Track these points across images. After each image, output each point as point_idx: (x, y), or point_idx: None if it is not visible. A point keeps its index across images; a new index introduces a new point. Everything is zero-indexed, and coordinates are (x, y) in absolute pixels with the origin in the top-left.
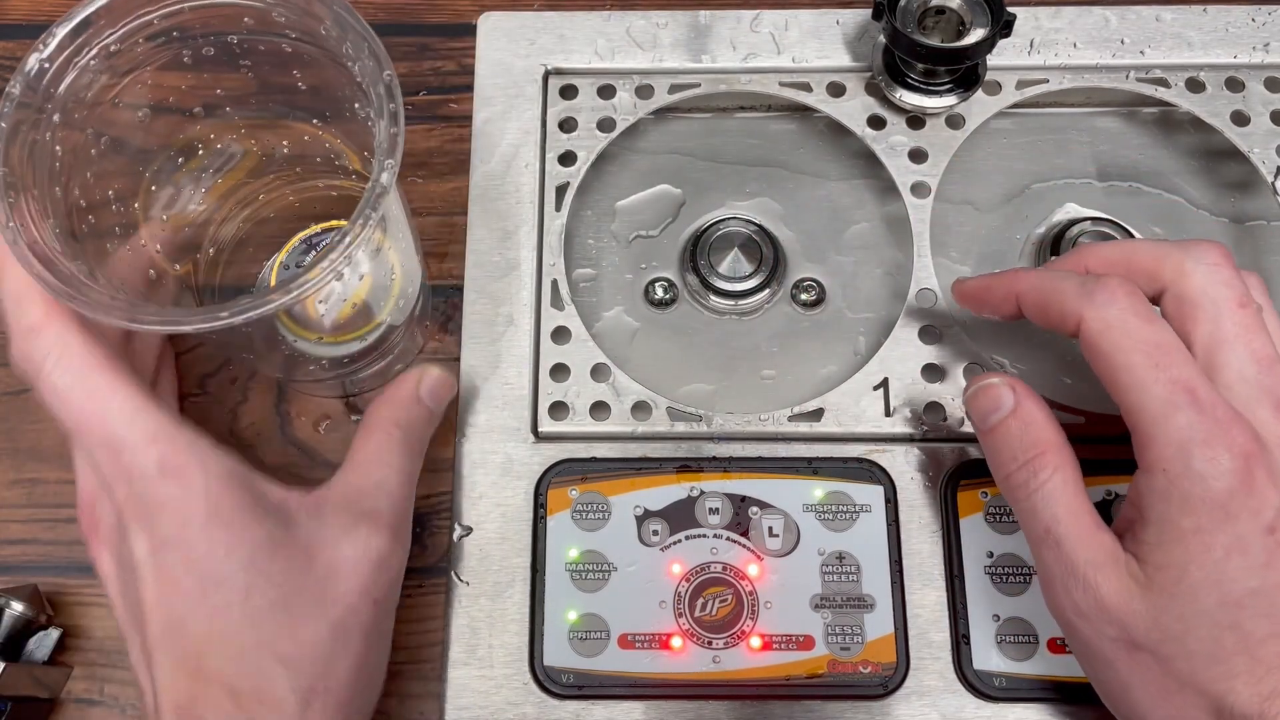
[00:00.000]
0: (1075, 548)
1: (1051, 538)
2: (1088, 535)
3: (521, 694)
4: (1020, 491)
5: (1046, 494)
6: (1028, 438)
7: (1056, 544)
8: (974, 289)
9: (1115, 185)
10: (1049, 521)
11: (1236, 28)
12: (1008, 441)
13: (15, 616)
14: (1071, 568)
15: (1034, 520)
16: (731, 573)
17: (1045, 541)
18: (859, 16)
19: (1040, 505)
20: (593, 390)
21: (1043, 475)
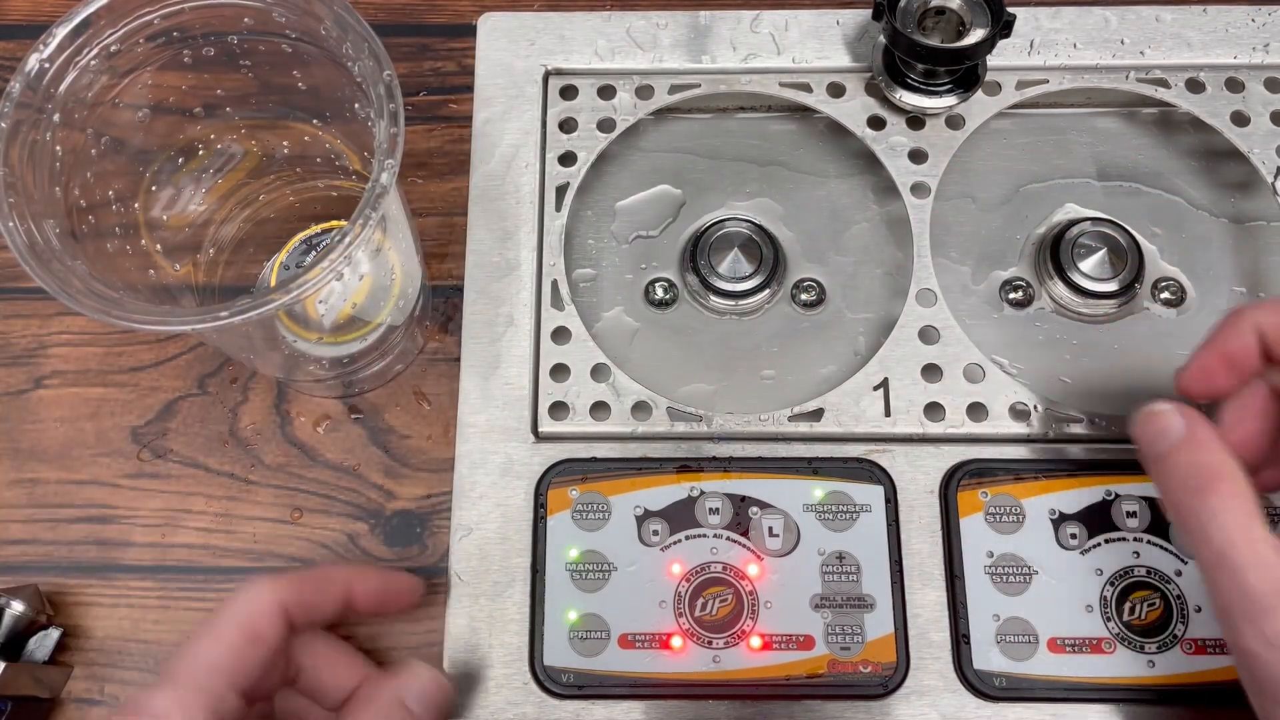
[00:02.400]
0: (1257, 574)
1: (1229, 565)
2: (1268, 561)
3: (521, 694)
4: (1193, 519)
5: (1222, 520)
6: (1199, 463)
7: (1234, 571)
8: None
9: (1115, 185)
10: (1224, 547)
11: (1236, 28)
12: (1178, 468)
13: (15, 616)
14: (1253, 596)
15: (1208, 548)
16: (731, 573)
17: (1222, 570)
18: (859, 17)
19: (1215, 532)
20: (593, 390)
21: (1215, 501)
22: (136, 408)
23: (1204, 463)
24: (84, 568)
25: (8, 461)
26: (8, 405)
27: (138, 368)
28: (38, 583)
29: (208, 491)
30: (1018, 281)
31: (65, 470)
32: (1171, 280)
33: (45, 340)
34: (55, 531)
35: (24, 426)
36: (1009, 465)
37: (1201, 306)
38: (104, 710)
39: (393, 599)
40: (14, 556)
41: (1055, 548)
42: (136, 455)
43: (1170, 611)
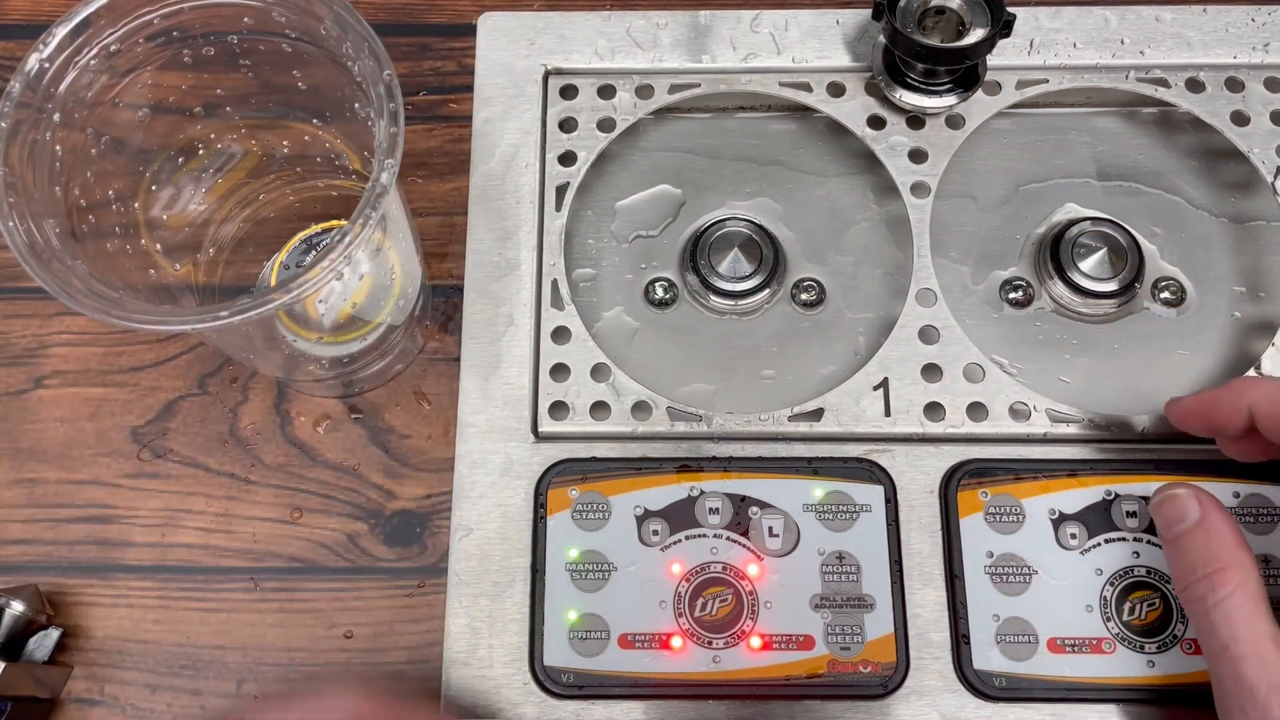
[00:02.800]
0: (1254, 668)
1: (1229, 656)
2: (1268, 657)
3: (521, 694)
4: (1198, 605)
5: (1226, 610)
6: (1210, 550)
7: (1234, 663)
8: (1193, 406)
9: (1115, 185)
10: (1227, 639)
11: (1236, 28)
12: (1190, 553)
13: (15, 616)
14: (1250, 689)
15: (1212, 637)
16: (731, 573)
17: (1223, 659)
18: (859, 16)
19: (1219, 621)
20: (593, 390)
21: (1222, 591)
22: (136, 408)
23: (1216, 551)
24: (84, 568)
25: (8, 461)
26: (8, 405)
27: (138, 368)
28: (38, 583)
29: (208, 491)
30: (1018, 281)
31: (65, 470)
32: (1171, 280)
33: (45, 340)
34: (55, 531)
35: (24, 426)
36: (1009, 465)
37: (1201, 306)
38: (104, 710)
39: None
40: (14, 556)
41: (1055, 548)
42: (136, 455)
43: (1170, 611)
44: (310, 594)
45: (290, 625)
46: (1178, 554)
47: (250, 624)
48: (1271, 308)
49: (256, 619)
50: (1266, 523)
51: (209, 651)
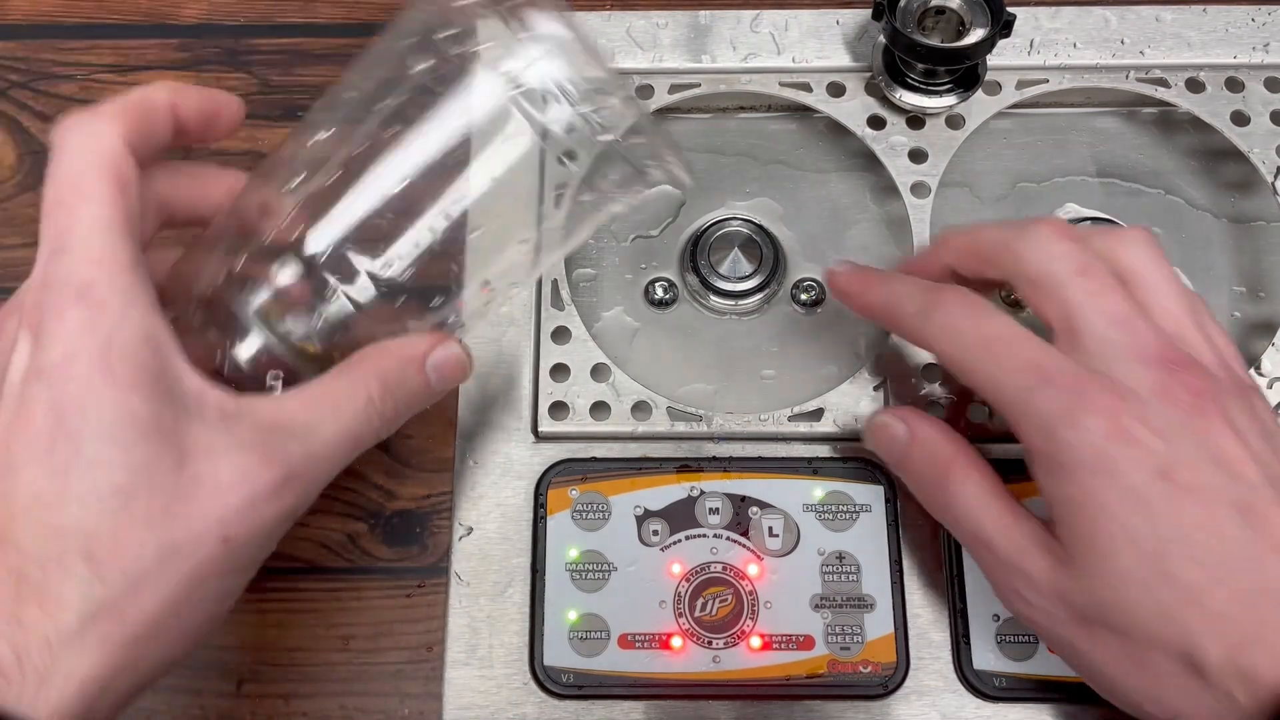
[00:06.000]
0: (1002, 542)
1: (981, 540)
2: (1011, 527)
3: (521, 694)
4: (940, 510)
5: (966, 500)
6: (929, 458)
7: (986, 544)
8: (843, 287)
9: (1115, 185)
10: (974, 526)
11: (1236, 28)
12: (917, 466)
13: None
14: (1005, 562)
15: (961, 529)
16: (731, 573)
17: (977, 545)
18: (859, 16)
19: (962, 514)
20: (593, 390)
21: (952, 488)
22: None
23: (934, 456)
24: None
25: None
26: None
27: None
28: None
29: None
30: None
31: None
32: None
33: None
34: None
35: None
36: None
37: None
38: None
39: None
40: None
41: None
42: None
43: None
44: (310, 594)
45: (290, 625)
46: (907, 472)
47: (250, 624)
48: (1271, 308)
49: (256, 619)
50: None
51: (209, 651)
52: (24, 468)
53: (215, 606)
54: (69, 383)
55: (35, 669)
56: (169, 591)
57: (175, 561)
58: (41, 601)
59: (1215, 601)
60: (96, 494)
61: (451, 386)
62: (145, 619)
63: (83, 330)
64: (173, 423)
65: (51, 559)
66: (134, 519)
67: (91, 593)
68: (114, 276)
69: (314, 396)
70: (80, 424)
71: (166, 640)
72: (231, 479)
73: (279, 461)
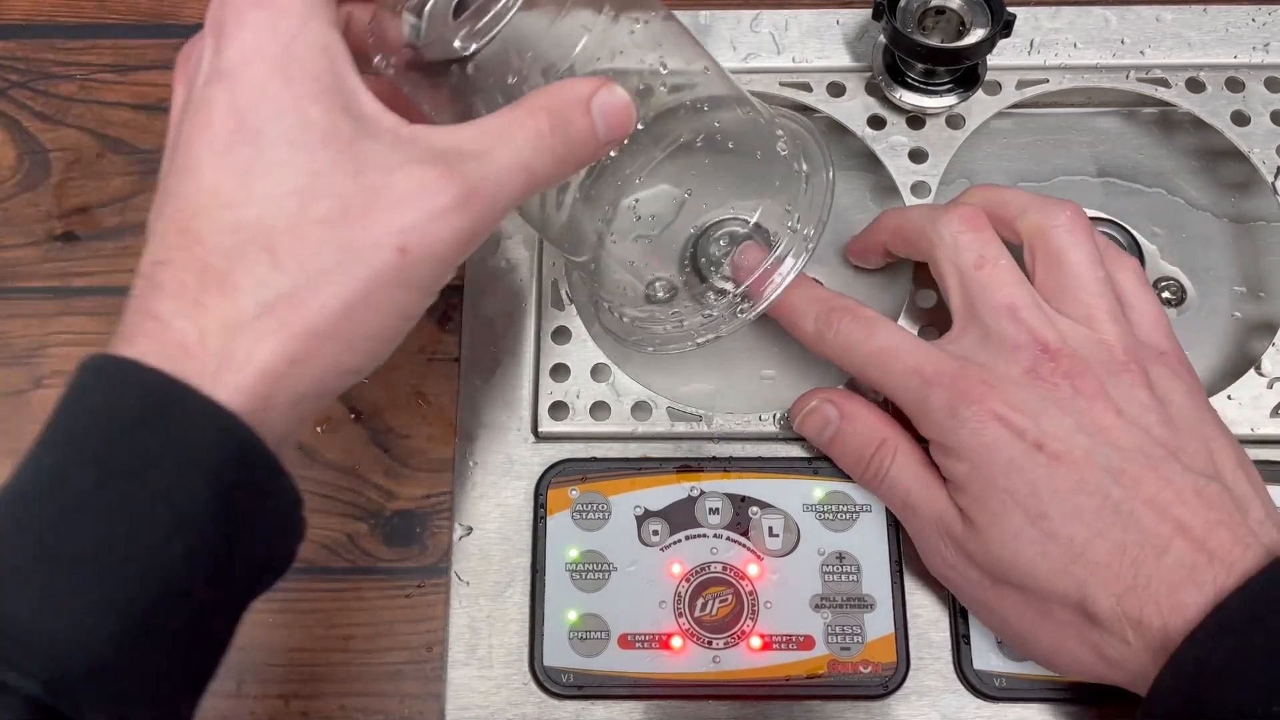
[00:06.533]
0: (926, 510)
1: (908, 508)
2: (934, 495)
3: (521, 694)
4: (874, 482)
5: (894, 475)
6: (861, 437)
7: (913, 511)
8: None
9: (1115, 185)
10: (902, 496)
11: (1236, 28)
12: (848, 447)
13: None
14: (927, 529)
15: (894, 499)
16: (731, 573)
17: (905, 513)
18: (859, 16)
19: (892, 486)
20: (593, 390)
21: (886, 461)
22: None
23: (865, 438)
24: None
25: (7, 461)
26: (7, 405)
27: None
28: None
29: None
30: None
31: None
32: (1171, 280)
33: (45, 340)
34: None
35: (24, 427)
36: None
37: (1201, 306)
38: None
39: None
40: None
41: None
42: None
43: None
44: (310, 594)
45: (290, 625)
46: (839, 451)
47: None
48: (1271, 308)
49: (256, 619)
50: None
51: None
52: (205, 166)
53: (392, 320)
54: (247, 85)
55: (215, 350)
56: (345, 292)
57: (351, 264)
58: (222, 288)
59: (1097, 553)
60: (276, 193)
61: (616, 138)
62: (321, 313)
63: (261, 33)
64: (350, 135)
65: (232, 250)
66: (312, 219)
67: (270, 281)
68: None
69: (486, 126)
70: (259, 125)
71: (343, 342)
72: (409, 190)
73: (457, 178)
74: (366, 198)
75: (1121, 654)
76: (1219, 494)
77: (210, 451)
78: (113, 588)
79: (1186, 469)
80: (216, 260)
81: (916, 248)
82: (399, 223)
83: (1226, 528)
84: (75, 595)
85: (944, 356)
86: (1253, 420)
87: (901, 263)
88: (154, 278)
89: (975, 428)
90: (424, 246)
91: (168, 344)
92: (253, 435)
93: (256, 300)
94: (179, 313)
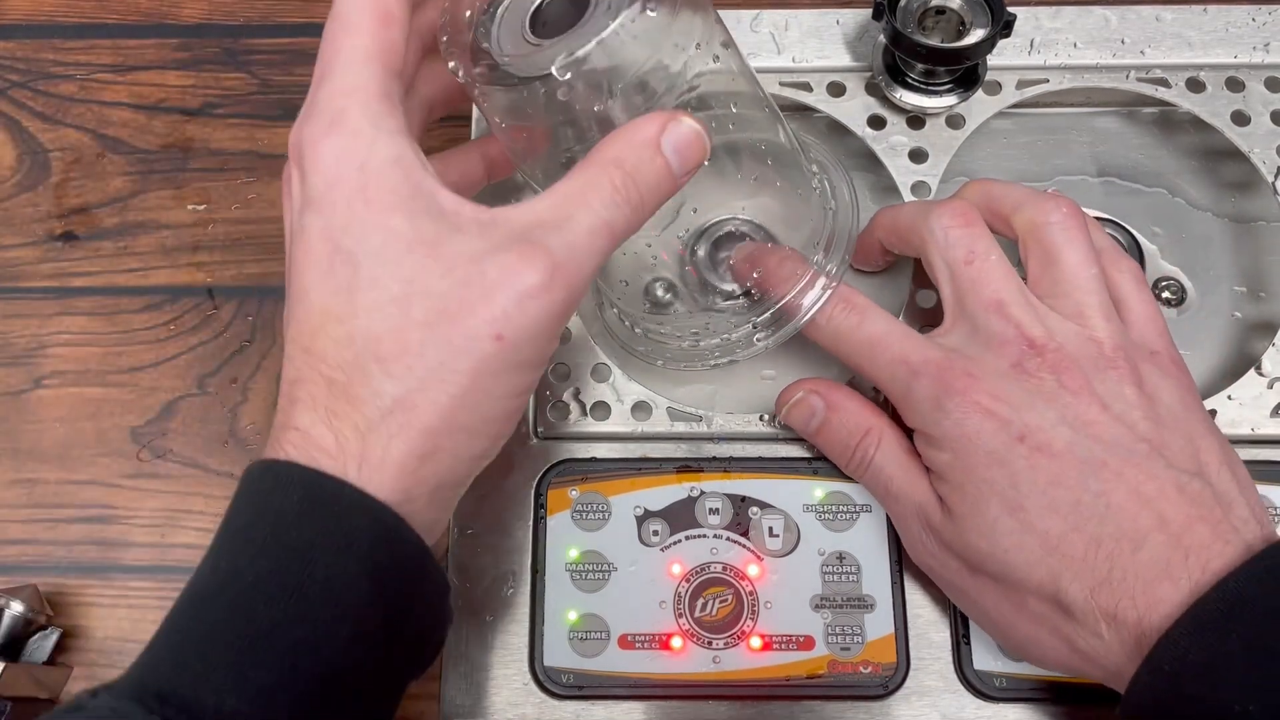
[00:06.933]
0: (908, 498)
1: (891, 495)
2: (916, 484)
3: (521, 694)
4: (860, 471)
5: (878, 464)
6: (847, 427)
7: (895, 499)
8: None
9: (1115, 185)
10: (886, 483)
11: (1237, 27)
12: (834, 437)
13: (15, 616)
14: (909, 516)
15: (877, 487)
16: (731, 573)
17: (888, 500)
18: (859, 16)
19: (876, 475)
20: (593, 390)
21: (870, 451)
22: (136, 408)
23: (850, 428)
24: (83, 568)
25: (7, 461)
26: (8, 405)
27: (137, 368)
28: (37, 583)
29: (208, 491)
30: None
31: (65, 470)
32: (1171, 280)
33: (45, 340)
34: (55, 531)
35: (24, 426)
36: None
37: (1201, 306)
38: None
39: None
40: (13, 556)
41: None
42: (136, 455)
43: None
44: None
45: None
46: (825, 441)
47: None
48: (1272, 308)
49: None
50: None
51: None
52: (312, 289)
53: (505, 402)
54: (333, 210)
55: (353, 451)
56: (452, 388)
57: (455, 359)
58: (348, 398)
59: (1072, 546)
60: (377, 305)
61: (694, 167)
62: (435, 411)
63: (338, 160)
64: (434, 236)
65: (349, 364)
66: (413, 323)
67: (384, 389)
68: (365, 105)
69: (560, 194)
70: (351, 246)
71: (462, 433)
72: (497, 277)
73: (542, 255)
74: (460, 293)
75: (1094, 647)
76: (1201, 491)
77: (364, 535)
78: (288, 669)
79: (1170, 465)
80: (337, 374)
81: (910, 243)
82: (492, 312)
83: (1206, 524)
84: (252, 677)
85: (931, 347)
86: (1253, 420)
87: (901, 262)
88: (291, 395)
89: (959, 418)
90: (519, 329)
91: (310, 449)
92: (398, 519)
93: (376, 407)
94: (316, 421)
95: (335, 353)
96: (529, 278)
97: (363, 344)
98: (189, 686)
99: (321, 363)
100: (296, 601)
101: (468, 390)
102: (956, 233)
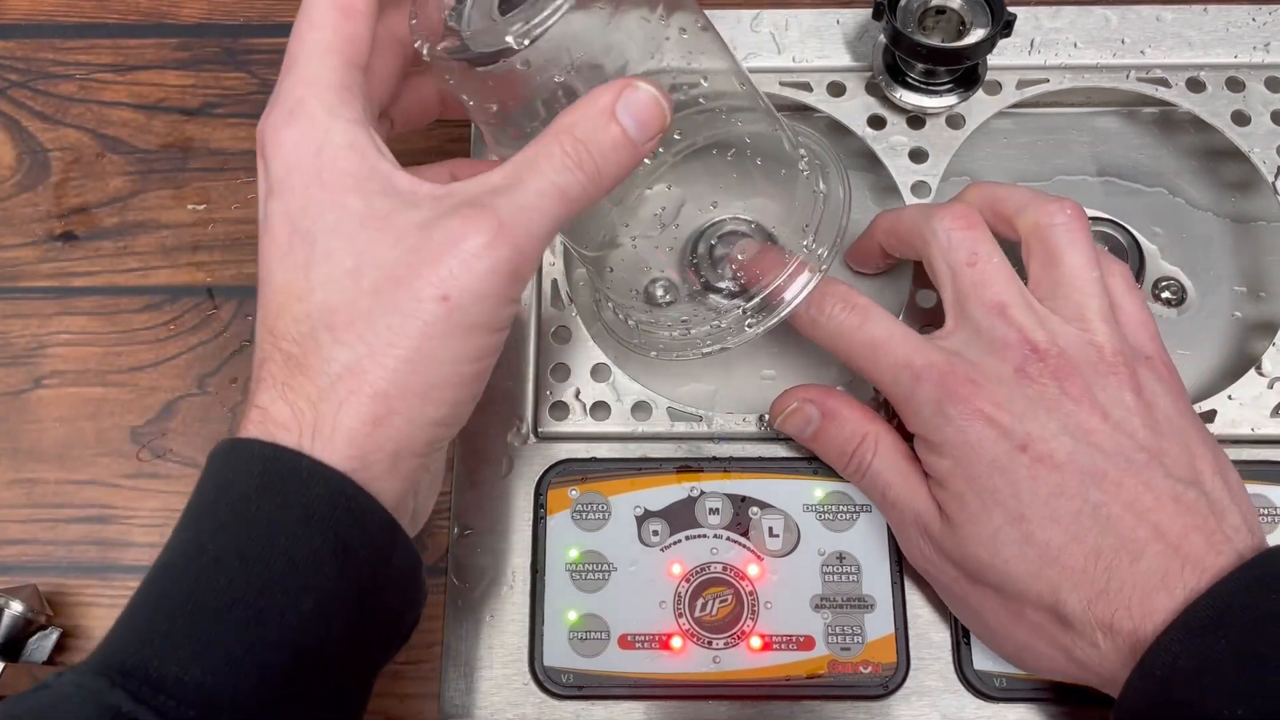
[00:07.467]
0: (906, 504)
1: (888, 502)
2: (914, 490)
3: (521, 694)
4: (857, 477)
5: (875, 470)
6: (844, 434)
7: (893, 505)
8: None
9: (1115, 185)
10: (883, 489)
11: (1237, 27)
12: (830, 444)
13: (15, 616)
14: (907, 523)
15: (874, 494)
16: (731, 573)
17: (886, 507)
18: (859, 16)
19: (874, 481)
20: (593, 390)
21: (868, 456)
22: (136, 408)
23: (847, 434)
24: (83, 568)
25: (7, 461)
26: (7, 405)
27: (137, 368)
28: (37, 583)
29: None
30: None
31: (65, 470)
32: (1171, 280)
33: (45, 340)
34: (54, 531)
35: (23, 426)
36: None
37: (1201, 306)
38: None
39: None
40: (13, 556)
41: None
42: (136, 455)
43: None
44: None
45: None
46: (822, 448)
47: None
48: (1272, 308)
49: None
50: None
51: None
52: (275, 270)
53: (458, 367)
54: (292, 194)
55: (306, 422)
56: (401, 349)
57: (402, 322)
58: (303, 370)
59: (1072, 558)
60: (332, 279)
61: (654, 134)
62: (383, 375)
63: (295, 147)
64: (387, 211)
65: (303, 337)
66: (363, 292)
67: (334, 355)
68: (322, 94)
69: (513, 163)
70: (309, 226)
71: (413, 396)
72: (443, 241)
73: (487, 215)
74: (408, 259)
75: (1091, 657)
76: (1196, 500)
77: (321, 504)
78: (254, 641)
79: (1167, 474)
80: (293, 349)
81: (911, 246)
82: (438, 273)
83: (1201, 533)
84: (216, 648)
85: (934, 351)
86: (1253, 420)
87: (902, 263)
88: (257, 375)
89: (961, 425)
90: (465, 289)
91: (269, 425)
92: (356, 486)
93: (326, 375)
94: (275, 398)
95: (293, 328)
96: (473, 238)
97: (318, 317)
98: (153, 659)
99: (282, 340)
100: (259, 573)
101: (415, 352)
102: (959, 235)
